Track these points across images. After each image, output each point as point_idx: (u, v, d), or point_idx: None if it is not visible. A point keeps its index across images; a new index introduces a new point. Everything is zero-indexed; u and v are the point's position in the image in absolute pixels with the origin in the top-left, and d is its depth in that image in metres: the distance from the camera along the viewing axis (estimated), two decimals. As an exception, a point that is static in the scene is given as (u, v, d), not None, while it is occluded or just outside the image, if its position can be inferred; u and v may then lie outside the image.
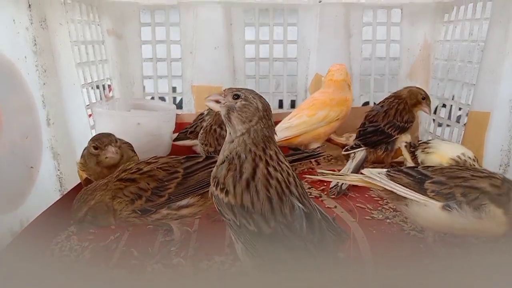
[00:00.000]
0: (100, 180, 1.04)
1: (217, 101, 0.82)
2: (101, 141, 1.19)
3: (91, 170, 1.24)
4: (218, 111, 0.83)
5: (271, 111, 0.83)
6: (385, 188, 1.03)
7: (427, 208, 0.96)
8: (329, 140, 1.81)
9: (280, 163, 0.80)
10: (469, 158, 1.25)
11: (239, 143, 0.79)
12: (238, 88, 0.82)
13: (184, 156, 1.05)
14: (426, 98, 1.54)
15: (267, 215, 0.73)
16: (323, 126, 1.55)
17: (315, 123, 1.54)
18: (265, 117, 0.80)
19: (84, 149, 1.28)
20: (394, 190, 1.01)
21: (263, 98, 0.82)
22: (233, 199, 0.76)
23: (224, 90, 0.83)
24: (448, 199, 0.94)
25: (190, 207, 0.99)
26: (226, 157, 0.80)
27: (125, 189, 0.98)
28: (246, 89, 0.83)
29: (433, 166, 1.07)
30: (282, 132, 1.52)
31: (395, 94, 1.58)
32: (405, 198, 1.00)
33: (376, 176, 1.04)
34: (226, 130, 0.84)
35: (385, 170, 1.06)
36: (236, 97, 0.80)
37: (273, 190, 0.75)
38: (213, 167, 0.99)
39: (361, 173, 1.09)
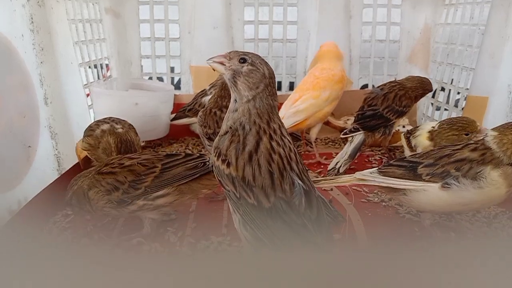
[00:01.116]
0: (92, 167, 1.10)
1: (221, 63, 0.79)
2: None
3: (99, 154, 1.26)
4: (222, 74, 0.80)
5: (275, 79, 0.81)
6: (380, 185, 1.04)
7: (427, 193, 0.97)
8: (327, 123, 1.81)
9: (283, 137, 0.79)
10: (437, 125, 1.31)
11: (243, 112, 0.78)
12: (244, 52, 0.80)
13: (165, 154, 1.07)
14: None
15: (268, 189, 0.73)
16: (328, 105, 1.55)
17: (321, 104, 1.53)
18: (271, 85, 0.79)
19: (96, 130, 1.27)
20: (391, 185, 1.01)
21: (269, 65, 0.80)
22: (235, 171, 0.75)
23: (230, 53, 0.80)
24: (445, 177, 0.95)
25: (166, 197, 1.01)
26: (230, 127, 0.79)
27: (103, 181, 1.02)
28: (252, 53, 0.80)
29: (419, 153, 1.09)
30: (291, 117, 1.51)
31: (398, 81, 1.57)
32: (402, 189, 1.01)
33: (369, 176, 1.05)
34: (226, 113, 0.84)
35: (375, 169, 1.07)
36: (243, 61, 0.78)
37: (275, 165, 0.75)
38: (190, 163, 1.02)
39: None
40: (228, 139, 0.78)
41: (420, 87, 1.52)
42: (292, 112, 1.53)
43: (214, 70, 0.82)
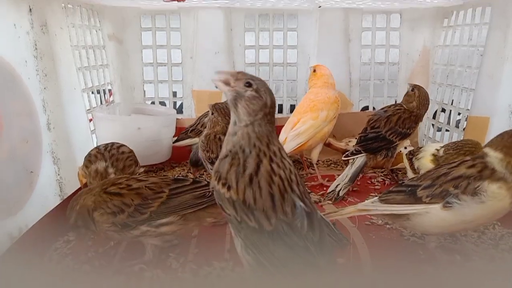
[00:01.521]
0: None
1: (226, 82, 0.79)
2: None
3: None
4: (223, 92, 0.80)
5: (276, 108, 0.82)
6: (383, 214, 1.04)
7: (429, 215, 0.96)
8: (328, 145, 1.81)
9: (283, 159, 0.79)
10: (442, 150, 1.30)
11: (243, 136, 0.78)
12: (253, 76, 0.79)
13: (173, 178, 1.06)
14: None
15: (269, 212, 0.73)
16: (326, 125, 1.56)
17: (320, 124, 1.55)
18: (270, 113, 0.79)
19: (92, 165, 1.24)
20: (394, 212, 1.01)
21: (272, 94, 0.80)
22: (235, 194, 0.75)
23: (238, 73, 0.79)
24: (445, 197, 0.94)
25: (170, 225, 0.99)
26: (230, 151, 0.79)
27: (110, 202, 0.99)
28: (259, 79, 0.79)
29: (416, 175, 1.09)
30: (293, 141, 1.53)
31: (401, 104, 1.56)
32: (405, 214, 1.00)
33: (371, 206, 1.04)
34: (226, 136, 0.84)
35: (376, 197, 1.06)
36: (248, 85, 0.77)
37: (276, 187, 0.75)
38: (198, 191, 1.00)
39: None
40: (228, 163, 0.78)
41: (424, 98, 1.53)
42: (293, 135, 1.54)
43: (217, 87, 0.82)
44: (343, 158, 1.55)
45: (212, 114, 1.41)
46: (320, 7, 1.87)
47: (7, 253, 1.00)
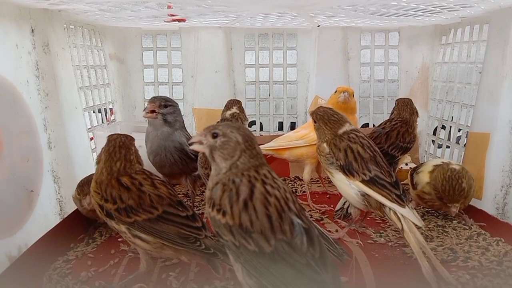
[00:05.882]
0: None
1: (200, 142, 0.82)
2: (82, 189, 1.23)
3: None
4: (205, 153, 0.83)
5: (253, 140, 0.81)
6: None
7: None
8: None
9: (275, 180, 0.79)
10: (456, 164, 1.28)
11: (230, 174, 0.79)
12: (215, 126, 0.82)
13: (178, 200, 1.00)
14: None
15: (267, 233, 0.72)
16: (304, 145, 1.50)
17: (296, 138, 1.53)
18: (248, 148, 0.80)
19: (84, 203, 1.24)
20: None
21: (242, 130, 0.81)
22: (231, 219, 0.74)
23: (204, 130, 0.82)
24: None
25: (145, 242, 0.96)
26: (217, 182, 0.79)
27: (108, 189, 0.97)
28: (223, 124, 0.83)
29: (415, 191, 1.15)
30: (268, 143, 1.56)
31: (398, 118, 1.56)
32: None
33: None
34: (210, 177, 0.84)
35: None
36: (215, 135, 0.80)
37: (272, 207, 0.75)
38: (185, 230, 0.94)
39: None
40: (220, 189, 0.78)
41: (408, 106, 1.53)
42: (272, 141, 1.56)
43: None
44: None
45: None
46: (319, 26, 1.89)
47: (6, 273, 0.99)
